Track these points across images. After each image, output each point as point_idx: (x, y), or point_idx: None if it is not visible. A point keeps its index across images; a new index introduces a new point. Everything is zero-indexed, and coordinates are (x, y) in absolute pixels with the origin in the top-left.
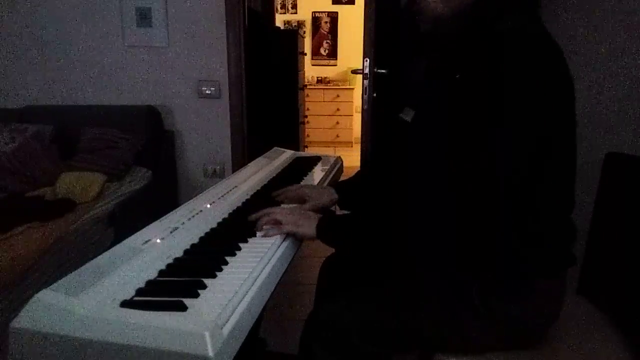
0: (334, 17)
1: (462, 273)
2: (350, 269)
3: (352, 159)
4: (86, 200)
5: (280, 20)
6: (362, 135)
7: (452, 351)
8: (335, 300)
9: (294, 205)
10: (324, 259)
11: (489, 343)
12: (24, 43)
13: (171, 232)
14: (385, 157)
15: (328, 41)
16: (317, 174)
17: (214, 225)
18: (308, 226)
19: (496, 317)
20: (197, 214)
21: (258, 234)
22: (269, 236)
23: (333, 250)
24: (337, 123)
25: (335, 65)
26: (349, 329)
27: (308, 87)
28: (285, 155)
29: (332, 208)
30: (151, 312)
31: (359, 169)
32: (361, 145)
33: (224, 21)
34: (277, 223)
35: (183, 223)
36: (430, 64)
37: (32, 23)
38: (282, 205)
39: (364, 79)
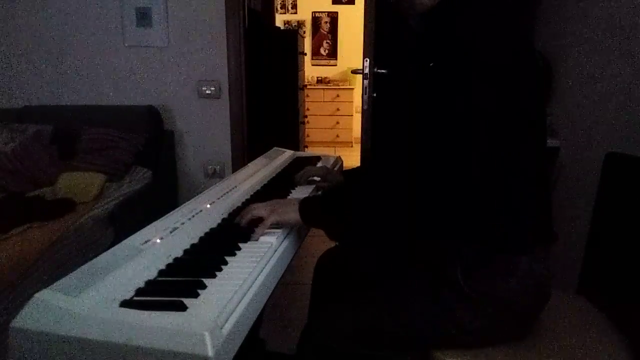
0: (334, 17)
1: (445, 255)
2: (343, 270)
3: (352, 159)
4: (86, 200)
5: (280, 20)
6: (362, 135)
7: (450, 346)
8: (328, 308)
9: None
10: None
11: (483, 329)
12: (24, 43)
13: (171, 232)
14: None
15: (328, 41)
16: None
17: (214, 225)
18: (291, 211)
19: (482, 297)
20: (197, 214)
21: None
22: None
23: (327, 249)
24: (337, 123)
25: (335, 65)
26: (344, 336)
27: (308, 87)
28: (285, 155)
29: None
30: (151, 312)
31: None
32: (361, 145)
33: (224, 21)
34: (260, 219)
35: (183, 223)
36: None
37: (32, 23)
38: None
39: (364, 79)
